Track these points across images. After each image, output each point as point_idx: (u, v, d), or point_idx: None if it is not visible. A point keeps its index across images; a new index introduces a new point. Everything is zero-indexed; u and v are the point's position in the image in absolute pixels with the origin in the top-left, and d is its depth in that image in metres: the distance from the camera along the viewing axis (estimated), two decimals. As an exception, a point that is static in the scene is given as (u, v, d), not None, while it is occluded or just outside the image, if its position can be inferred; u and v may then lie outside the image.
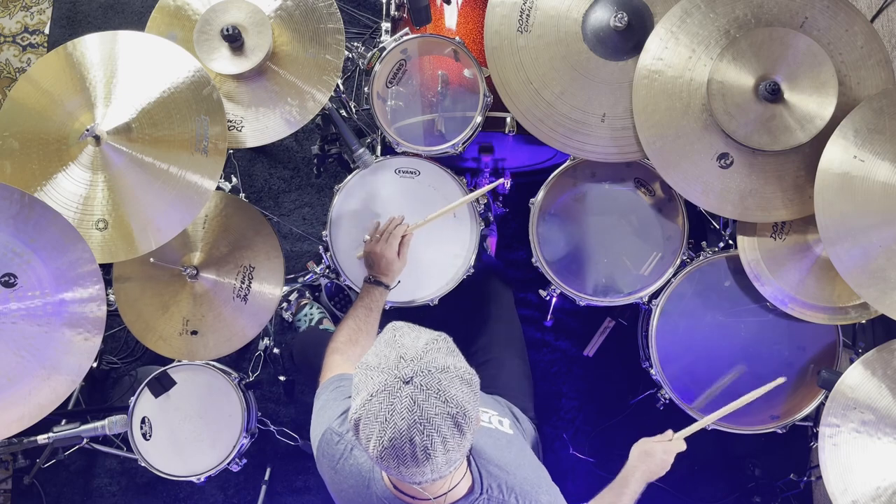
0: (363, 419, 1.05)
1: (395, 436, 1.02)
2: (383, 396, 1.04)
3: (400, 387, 1.03)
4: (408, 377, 1.04)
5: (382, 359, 1.07)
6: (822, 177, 1.59)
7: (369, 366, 1.08)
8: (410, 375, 1.04)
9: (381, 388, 1.04)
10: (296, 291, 2.42)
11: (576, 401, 2.47)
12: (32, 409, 1.55)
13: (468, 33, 1.92)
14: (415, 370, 1.04)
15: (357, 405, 1.06)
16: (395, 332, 1.12)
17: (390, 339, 1.11)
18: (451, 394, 1.04)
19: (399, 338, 1.10)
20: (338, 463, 1.31)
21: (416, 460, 1.04)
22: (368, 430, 1.05)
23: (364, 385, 1.07)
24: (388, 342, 1.10)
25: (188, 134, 1.66)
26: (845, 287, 1.62)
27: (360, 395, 1.06)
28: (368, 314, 1.67)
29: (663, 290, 1.90)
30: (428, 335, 1.12)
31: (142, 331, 1.86)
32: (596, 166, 1.91)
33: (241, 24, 1.73)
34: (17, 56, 2.74)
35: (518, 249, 2.49)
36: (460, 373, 1.07)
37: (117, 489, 2.45)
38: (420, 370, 1.04)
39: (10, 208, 1.53)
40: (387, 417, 1.03)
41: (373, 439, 1.04)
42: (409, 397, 1.03)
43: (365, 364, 1.09)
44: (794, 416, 1.87)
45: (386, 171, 1.92)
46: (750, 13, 1.66)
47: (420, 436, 1.02)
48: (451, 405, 1.04)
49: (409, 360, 1.05)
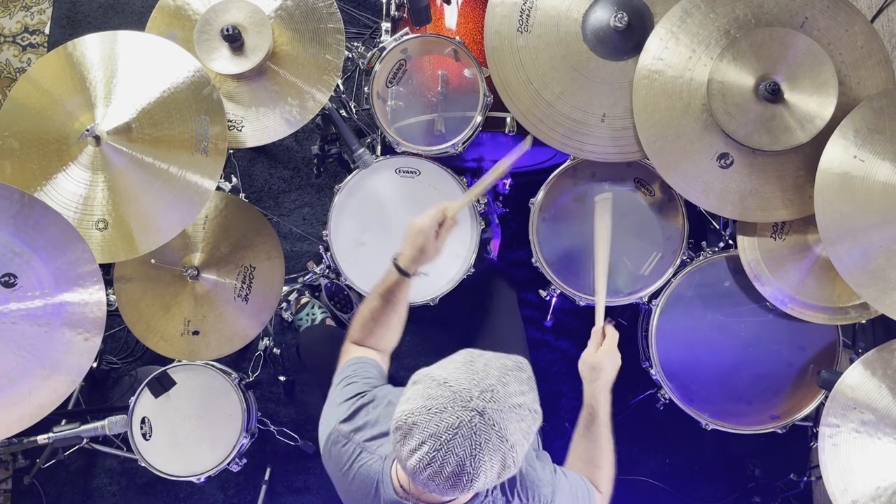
0: (416, 430, 1.02)
1: (446, 459, 1.01)
2: (449, 418, 1.01)
3: (470, 417, 1.01)
4: (481, 409, 1.01)
5: (455, 380, 1.04)
6: (822, 177, 1.59)
7: (438, 380, 1.05)
8: (483, 407, 1.01)
9: (448, 408, 1.01)
10: (296, 291, 2.42)
11: (576, 401, 2.46)
12: (32, 409, 1.55)
13: (468, 33, 1.92)
14: (488, 402, 1.02)
15: (410, 411, 1.03)
16: (471, 355, 1.09)
17: (466, 361, 1.08)
18: (511, 432, 1.03)
19: (475, 361, 1.07)
20: (345, 465, 1.30)
21: (453, 484, 1.03)
22: (417, 442, 1.02)
23: (426, 398, 1.03)
24: (464, 364, 1.07)
25: (188, 134, 1.66)
26: (845, 287, 1.62)
27: (418, 405, 1.03)
28: (383, 304, 1.49)
29: (663, 290, 1.90)
30: (506, 362, 1.08)
31: (143, 331, 1.86)
32: (596, 166, 1.91)
33: (241, 24, 1.73)
34: (17, 56, 2.74)
35: (518, 249, 2.48)
36: (529, 410, 1.06)
37: (117, 489, 2.45)
38: (495, 404, 1.02)
39: (10, 208, 1.53)
40: (445, 441, 1.00)
41: (418, 453, 1.02)
42: (473, 429, 1.00)
43: (432, 377, 1.06)
44: (794, 416, 1.87)
45: (386, 171, 1.92)
46: (750, 13, 1.66)
47: (469, 466, 1.01)
48: (506, 445, 1.02)
49: (484, 389, 1.03)
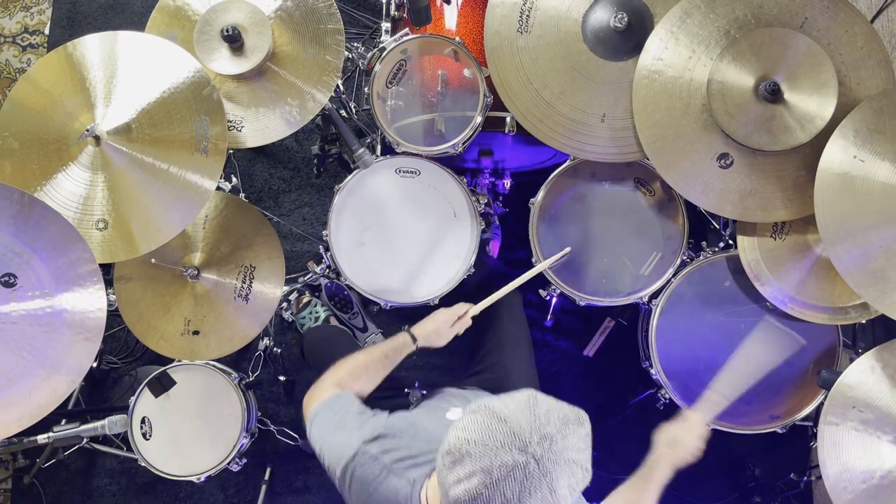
0: (468, 460, 1.01)
1: (492, 497, 1.00)
2: (504, 456, 1.00)
3: (527, 460, 0.99)
4: (538, 456, 1.00)
5: (516, 417, 1.03)
6: (822, 177, 1.59)
7: (498, 416, 1.03)
8: (541, 455, 1.00)
9: (504, 446, 1.00)
10: (296, 291, 2.42)
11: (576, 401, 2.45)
12: (32, 408, 1.55)
13: (468, 33, 1.92)
14: (546, 451, 1.01)
15: (466, 439, 1.02)
16: (535, 398, 1.07)
17: (529, 403, 1.06)
18: (560, 486, 1.01)
19: (539, 405, 1.06)
20: (371, 484, 1.28)
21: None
22: (467, 472, 1.01)
23: (484, 431, 1.02)
24: (527, 406, 1.05)
25: (188, 134, 1.66)
26: (845, 287, 1.62)
27: (475, 437, 1.02)
28: (383, 360, 1.59)
29: (663, 290, 1.90)
30: (568, 413, 1.07)
31: (143, 331, 1.86)
32: (596, 166, 1.91)
33: (241, 24, 1.73)
34: (17, 56, 2.74)
35: (518, 249, 2.49)
36: (581, 468, 1.04)
37: (117, 489, 2.45)
38: (552, 455, 1.01)
39: (10, 208, 1.53)
40: (496, 479, 0.99)
41: (466, 484, 1.01)
42: (527, 474, 0.99)
43: (493, 411, 1.04)
44: (794, 416, 1.87)
45: (386, 171, 1.93)
46: (750, 13, 1.66)
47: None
48: (554, 497, 1.01)
49: (544, 436, 1.01)
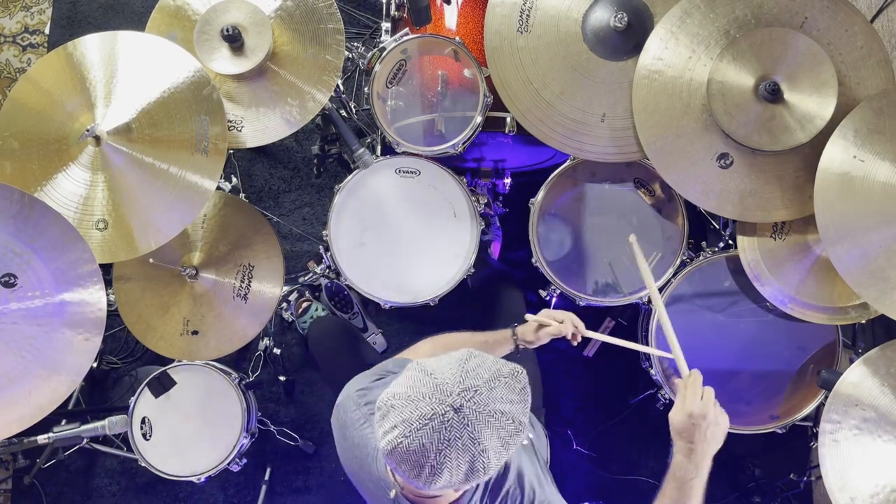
0: (392, 413, 1.03)
1: (411, 447, 1.01)
2: (423, 407, 1.01)
3: (444, 410, 1.00)
4: (458, 405, 1.00)
5: (443, 371, 1.04)
6: (822, 177, 1.59)
7: (426, 370, 1.05)
8: (461, 405, 1.00)
9: (425, 398, 1.01)
10: (296, 291, 2.42)
11: (576, 401, 2.47)
12: (32, 409, 1.55)
13: (468, 33, 1.92)
14: (467, 402, 1.01)
15: (393, 394, 1.04)
16: (469, 354, 1.08)
17: (462, 358, 1.07)
18: (485, 437, 1.01)
19: (470, 360, 1.06)
20: (348, 430, 1.30)
21: (416, 474, 1.03)
22: (390, 424, 1.02)
23: (410, 383, 1.04)
24: (458, 361, 1.06)
25: (188, 134, 1.66)
26: (845, 287, 1.62)
27: (400, 391, 1.04)
28: (482, 345, 1.56)
29: (663, 290, 1.90)
30: (501, 367, 1.06)
31: (143, 331, 1.86)
32: (596, 166, 1.91)
33: (241, 24, 1.73)
34: (18, 56, 2.74)
35: (518, 249, 2.48)
36: (514, 419, 1.03)
37: (117, 489, 2.45)
38: (473, 405, 1.01)
39: (10, 208, 1.53)
40: (415, 427, 1.00)
41: (389, 436, 1.02)
42: (445, 424, 1.00)
43: (422, 366, 1.06)
44: (794, 416, 1.87)
45: (386, 171, 1.93)
46: (750, 13, 1.66)
47: (433, 458, 1.01)
48: (478, 447, 1.01)
49: (467, 388, 1.01)
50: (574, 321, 1.58)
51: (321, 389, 2.49)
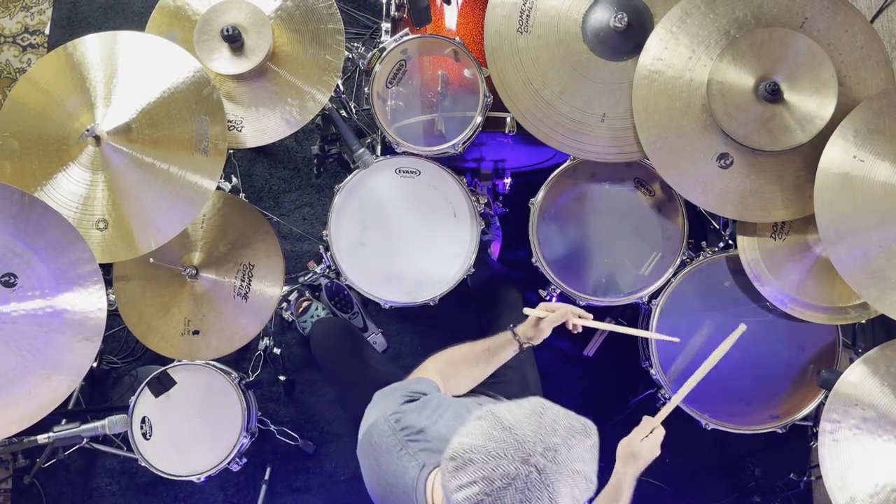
0: (470, 468, 1.01)
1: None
2: (506, 466, 0.99)
3: (528, 471, 0.99)
4: (541, 466, 0.99)
5: (522, 426, 1.02)
6: (822, 177, 1.59)
7: (504, 424, 1.02)
8: (543, 465, 0.99)
9: (507, 455, 0.99)
10: (296, 291, 2.42)
11: (576, 401, 2.47)
12: (32, 408, 1.55)
13: (468, 33, 1.92)
14: (549, 462, 0.99)
15: (470, 446, 1.02)
16: (542, 406, 1.06)
17: (536, 411, 1.05)
18: (562, 497, 1.00)
19: (545, 414, 1.05)
20: (383, 456, 1.27)
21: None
22: (468, 479, 1.01)
23: (489, 438, 1.02)
24: (533, 414, 1.04)
25: (188, 134, 1.66)
26: (845, 287, 1.62)
27: (479, 443, 1.01)
28: (488, 356, 1.58)
29: (663, 290, 1.90)
30: (575, 423, 1.05)
31: (143, 332, 1.86)
32: (596, 166, 1.91)
33: (241, 24, 1.73)
34: (18, 56, 2.74)
35: (518, 249, 2.48)
36: (585, 479, 1.03)
37: (117, 489, 2.45)
38: (555, 466, 1.00)
39: (10, 208, 1.53)
40: (498, 487, 0.99)
41: (467, 491, 1.01)
42: (528, 484, 0.99)
43: (498, 418, 1.03)
44: (794, 415, 1.87)
45: (386, 171, 1.93)
46: (750, 13, 1.66)
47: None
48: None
49: (548, 447, 1.00)
50: (572, 309, 1.59)
51: (321, 389, 2.49)
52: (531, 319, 1.59)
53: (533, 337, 1.60)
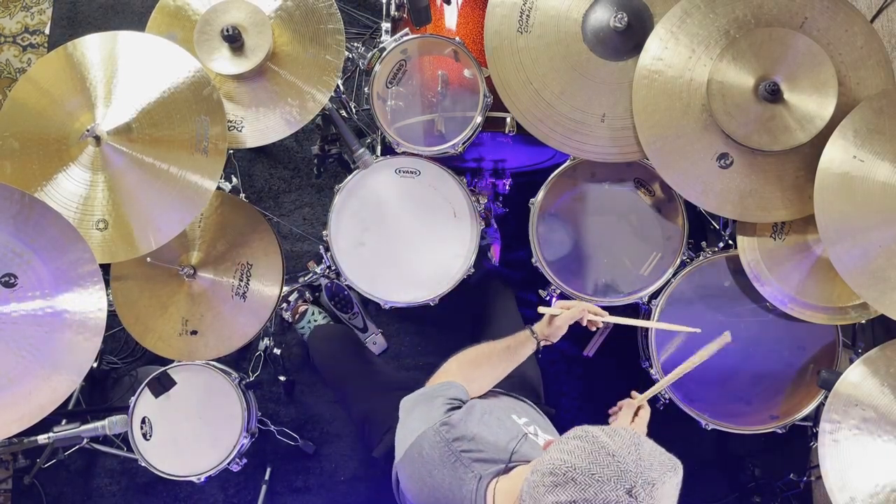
0: (572, 487, 1.01)
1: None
2: (608, 492, 1.00)
3: (629, 501, 1.00)
4: (639, 498, 1.01)
5: (623, 454, 1.03)
6: (821, 177, 1.59)
7: (606, 449, 1.04)
8: (642, 497, 1.01)
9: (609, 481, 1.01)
10: (295, 292, 2.42)
11: (576, 401, 2.47)
12: (32, 409, 1.55)
13: (468, 33, 1.92)
14: (647, 495, 1.01)
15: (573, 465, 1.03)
16: (638, 438, 1.08)
17: (634, 441, 1.06)
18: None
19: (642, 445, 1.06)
20: (436, 468, 1.26)
21: None
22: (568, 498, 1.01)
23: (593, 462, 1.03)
24: (632, 444, 1.06)
25: (188, 134, 1.66)
26: (845, 287, 1.62)
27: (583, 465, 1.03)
28: (509, 355, 1.58)
29: (663, 290, 1.90)
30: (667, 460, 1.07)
31: (141, 332, 1.86)
32: (596, 166, 1.91)
33: (241, 24, 1.73)
34: (18, 56, 2.74)
35: (518, 249, 2.48)
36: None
37: (117, 489, 2.45)
38: (650, 499, 1.01)
39: (10, 208, 1.53)
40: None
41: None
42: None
43: (599, 442, 1.05)
44: (794, 416, 1.87)
45: (386, 171, 1.93)
46: (750, 13, 1.66)
47: None
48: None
49: (647, 480, 1.02)
50: (587, 307, 1.60)
51: (321, 389, 2.49)
52: (546, 317, 1.60)
53: (549, 335, 1.60)
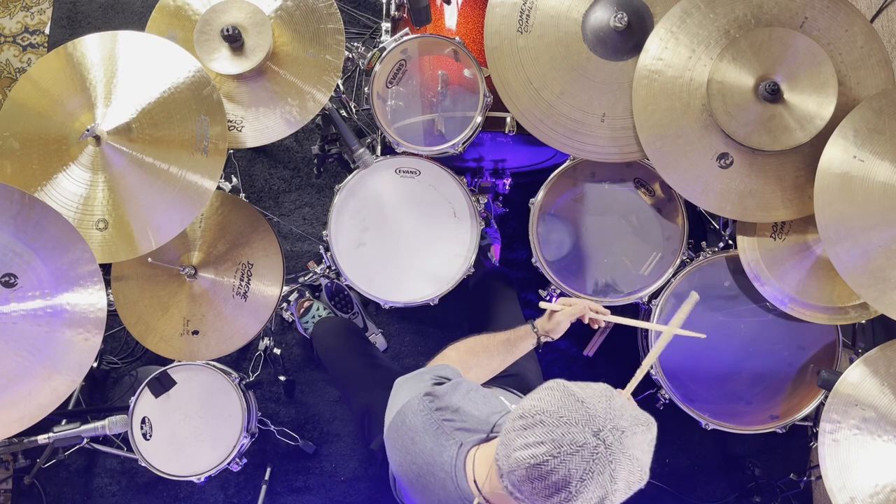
0: (540, 428, 1.02)
1: (556, 468, 1.00)
2: (576, 434, 1.00)
3: (597, 443, 1.00)
4: (609, 442, 1.00)
5: (593, 402, 1.03)
6: (821, 177, 1.59)
7: (576, 396, 1.04)
8: (611, 441, 1.00)
9: (578, 424, 1.01)
10: (296, 291, 2.42)
11: (576, 401, 2.47)
12: (33, 409, 1.55)
13: (468, 33, 1.92)
14: (616, 440, 1.01)
15: (542, 409, 1.03)
16: (610, 391, 1.07)
17: (606, 393, 1.06)
18: (620, 478, 1.01)
19: (614, 398, 1.06)
20: (419, 435, 1.27)
21: (547, 495, 1.02)
22: (536, 439, 1.02)
23: (560, 404, 1.03)
24: (604, 395, 1.05)
25: (188, 134, 1.66)
26: (845, 287, 1.62)
27: (551, 408, 1.03)
28: (507, 347, 1.58)
29: (663, 290, 1.90)
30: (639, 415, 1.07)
31: (142, 332, 1.86)
32: (596, 166, 1.91)
33: (241, 24, 1.73)
34: (18, 56, 2.74)
35: (518, 249, 2.49)
36: (641, 468, 1.04)
37: (117, 489, 2.45)
38: (620, 446, 1.01)
39: (10, 208, 1.53)
40: (566, 451, 1.00)
41: (533, 450, 1.01)
42: (595, 456, 0.99)
43: (570, 390, 1.05)
44: (794, 416, 1.87)
45: (386, 171, 1.93)
46: (750, 13, 1.66)
47: (574, 486, 1.00)
48: (612, 485, 1.01)
49: (616, 427, 1.02)
50: (589, 304, 1.60)
51: (321, 389, 2.49)
52: (547, 313, 1.60)
53: (550, 331, 1.60)
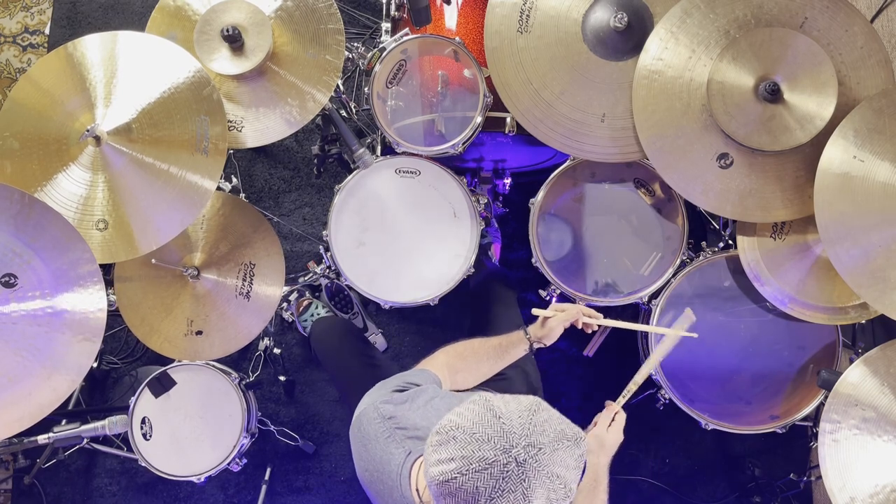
0: (452, 445, 1.01)
1: (464, 486, 0.99)
2: (487, 451, 0.99)
3: (507, 460, 0.99)
4: (521, 459, 0.99)
5: (511, 417, 1.02)
6: (821, 177, 1.59)
7: (494, 411, 1.03)
8: (524, 459, 0.99)
9: (490, 440, 1.00)
10: (296, 291, 2.42)
11: (576, 401, 2.47)
12: (33, 409, 1.55)
13: (468, 33, 1.92)
14: (530, 457, 0.99)
15: (457, 424, 1.02)
16: (538, 405, 1.05)
17: (531, 408, 1.04)
18: (537, 496, 1.00)
19: (538, 413, 1.04)
20: (370, 443, 1.28)
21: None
22: (447, 455, 1.01)
23: (476, 420, 1.02)
24: (527, 410, 1.04)
25: (188, 134, 1.66)
26: (845, 287, 1.62)
27: (466, 423, 1.02)
28: (498, 353, 1.58)
29: (663, 290, 1.90)
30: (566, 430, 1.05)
31: (146, 333, 1.86)
32: (596, 166, 1.91)
33: (241, 24, 1.73)
34: (18, 56, 2.74)
35: (518, 249, 2.49)
36: (565, 485, 1.02)
37: (117, 489, 2.45)
38: (535, 463, 0.99)
39: (10, 208, 1.53)
40: (474, 469, 0.99)
41: (444, 466, 1.01)
42: (504, 474, 0.98)
43: (490, 405, 1.04)
44: (794, 416, 1.87)
45: (386, 171, 1.93)
46: (750, 13, 1.66)
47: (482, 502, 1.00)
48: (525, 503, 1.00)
49: (532, 443, 1.00)
50: (582, 309, 1.60)
51: (321, 389, 2.49)
52: (539, 319, 1.60)
53: (543, 337, 1.60)
